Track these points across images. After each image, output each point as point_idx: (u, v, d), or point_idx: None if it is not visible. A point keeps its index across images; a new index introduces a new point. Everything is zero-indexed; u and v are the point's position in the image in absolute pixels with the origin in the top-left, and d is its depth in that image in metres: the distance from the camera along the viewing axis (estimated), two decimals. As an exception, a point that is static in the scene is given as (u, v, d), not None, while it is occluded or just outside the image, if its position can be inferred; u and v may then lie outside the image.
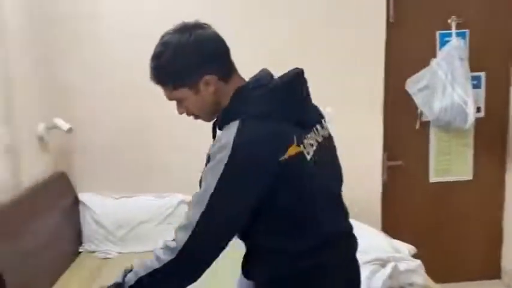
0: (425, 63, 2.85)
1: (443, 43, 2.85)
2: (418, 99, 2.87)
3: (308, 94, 1.25)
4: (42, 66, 2.67)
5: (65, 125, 2.59)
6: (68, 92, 2.75)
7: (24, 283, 2.03)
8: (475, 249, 3.10)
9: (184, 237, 1.08)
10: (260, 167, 1.08)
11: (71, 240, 2.66)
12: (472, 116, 2.71)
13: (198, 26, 1.18)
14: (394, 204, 3.01)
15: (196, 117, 1.25)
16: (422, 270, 2.07)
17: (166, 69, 1.17)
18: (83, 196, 2.76)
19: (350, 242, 1.30)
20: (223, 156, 1.06)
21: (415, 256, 2.26)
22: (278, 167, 1.08)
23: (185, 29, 1.16)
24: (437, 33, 2.87)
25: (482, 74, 2.94)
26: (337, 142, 1.34)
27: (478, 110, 2.92)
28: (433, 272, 2.32)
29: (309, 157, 1.14)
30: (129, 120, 2.81)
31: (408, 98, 2.88)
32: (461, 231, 3.08)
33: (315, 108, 1.30)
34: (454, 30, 2.79)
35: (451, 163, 3.01)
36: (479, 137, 2.98)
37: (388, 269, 1.96)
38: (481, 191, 3.04)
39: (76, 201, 2.76)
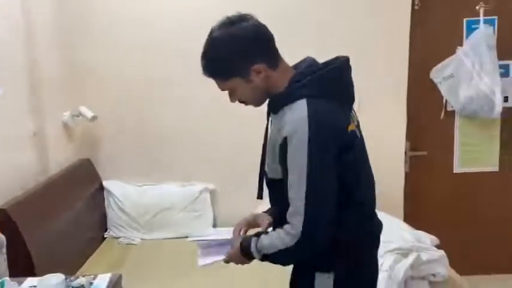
0: (451, 52, 2.78)
1: (470, 31, 2.77)
2: (443, 89, 2.81)
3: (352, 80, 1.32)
4: (68, 57, 2.74)
5: (89, 113, 2.65)
6: (94, 82, 2.81)
7: (52, 266, 2.08)
8: (502, 242, 3.02)
9: (299, 223, 1.14)
10: (337, 134, 1.17)
11: (96, 226, 2.73)
12: (499, 105, 2.64)
13: (242, 19, 1.23)
14: (417, 195, 2.96)
15: (246, 104, 1.32)
16: (445, 261, 2.04)
17: (217, 64, 1.23)
18: (107, 183, 2.83)
19: (379, 220, 1.38)
20: (301, 137, 1.13)
21: (438, 247, 2.23)
22: (347, 137, 1.20)
23: (230, 23, 1.22)
24: (464, 20, 2.79)
25: (511, 63, 2.85)
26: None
27: (506, 99, 2.83)
28: (457, 264, 2.29)
29: (358, 135, 1.28)
30: (152, 110, 2.85)
31: (433, 87, 2.83)
32: (487, 223, 3.01)
33: None
34: (481, 18, 2.71)
35: (476, 154, 2.94)
36: (507, 127, 2.89)
37: (410, 258, 1.94)
38: (507, 183, 2.96)
39: (101, 188, 2.83)
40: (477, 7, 2.73)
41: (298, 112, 1.16)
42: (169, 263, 2.43)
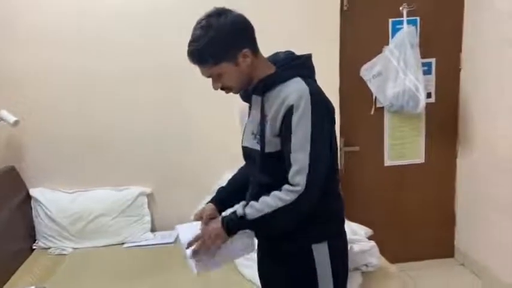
0: (378, 50, 2.91)
1: (395, 30, 2.91)
2: (372, 86, 2.93)
3: None
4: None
5: (11, 118, 2.48)
6: (17, 84, 2.63)
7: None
8: (429, 230, 3.21)
9: (302, 179, 1.26)
10: (329, 107, 1.36)
11: (23, 238, 2.56)
12: (423, 101, 2.79)
13: (228, 10, 1.35)
14: (351, 189, 3.06)
15: (228, 90, 1.40)
16: (376, 251, 2.12)
17: (210, 48, 1.30)
18: (34, 191, 2.67)
19: None
20: (306, 105, 1.28)
21: (371, 238, 2.32)
22: (333, 112, 1.39)
23: (219, 13, 1.33)
24: (390, 20, 2.93)
25: (433, 60, 3.03)
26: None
27: (429, 95, 3.02)
28: (389, 253, 2.40)
29: None
30: (81, 113, 2.72)
31: (363, 85, 2.94)
32: (415, 213, 3.18)
33: None
34: (405, 18, 2.86)
35: (404, 147, 3.10)
36: (431, 121, 3.08)
37: (344, 251, 1.99)
38: (433, 174, 3.16)
39: (28, 197, 2.66)
40: (401, 8, 2.87)
41: (297, 85, 1.31)
42: (103, 272, 2.33)
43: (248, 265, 2.14)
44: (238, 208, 1.35)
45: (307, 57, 1.44)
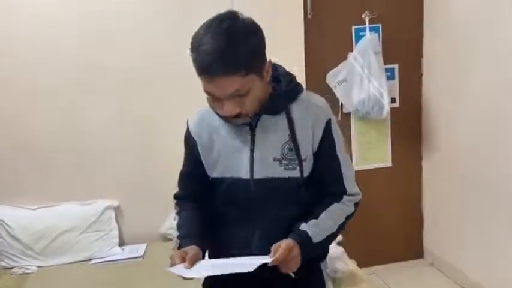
0: (343, 57, 2.95)
1: (358, 37, 2.97)
2: (338, 92, 2.97)
3: None
4: None
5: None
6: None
7: None
8: (398, 232, 3.27)
9: (356, 188, 1.29)
10: None
11: (-17, 258, 2.46)
12: (387, 106, 2.85)
13: (240, 14, 1.13)
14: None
15: (242, 117, 1.13)
16: (345, 257, 2.15)
17: (242, 53, 1.06)
18: (-6, 209, 2.57)
19: None
20: (334, 119, 1.27)
21: (340, 244, 2.34)
22: None
23: (235, 17, 1.11)
24: (353, 27, 2.99)
25: (396, 66, 3.10)
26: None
27: (393, 100, 3.09)
28: (359, 257, 2.42)
29: None
30: (42, 123, 2.63)
31: (330, 91, 2.97)
32: (384, 216, 3.23)
33: None
34: (367, 25, 2.92)
35: (371, 152, 3.15)
36: (396, 126, 3.15)
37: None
38: (400, 177, 3.22)
39: (-13, 216, 2.55)
40: (363, 16, 2.93)
41: (318, 98, 1.28)
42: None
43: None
44: (307, 230, 1.17)
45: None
